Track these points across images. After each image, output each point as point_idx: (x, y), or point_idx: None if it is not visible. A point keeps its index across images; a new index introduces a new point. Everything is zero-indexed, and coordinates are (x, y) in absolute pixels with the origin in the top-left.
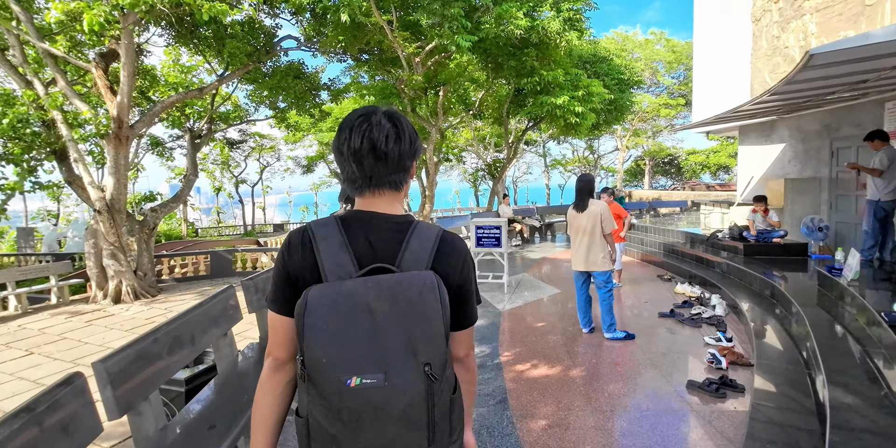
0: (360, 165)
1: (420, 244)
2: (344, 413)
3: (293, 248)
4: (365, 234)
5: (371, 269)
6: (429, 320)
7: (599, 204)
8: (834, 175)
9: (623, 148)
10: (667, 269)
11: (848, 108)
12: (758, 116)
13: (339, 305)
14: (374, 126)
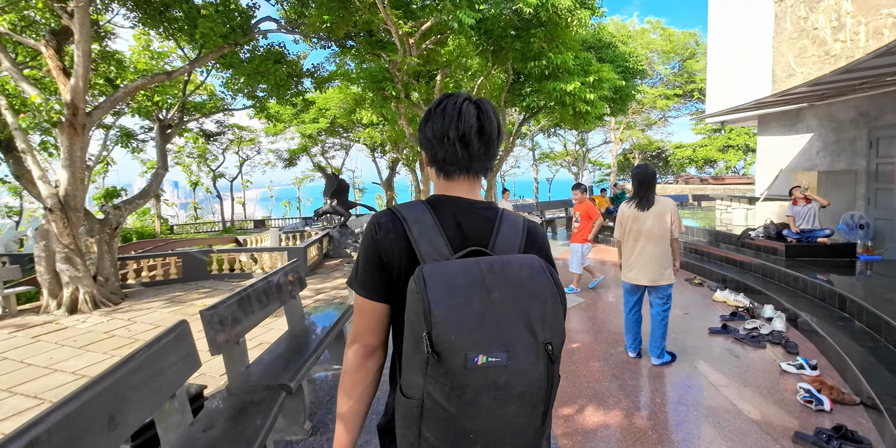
0: (466, 149)
1: (511, 229)
2: (468, 391)
3: (383, 230)
4: (455, 218)
5: (470, 252)
6: (545, 301)
7: (668, 201)
8: (873, 167)
9: (617, 141)
10: (692, 271)
11: (893, 95)
12: (786, 104)
13: (457, 283)
14: (483, 112)
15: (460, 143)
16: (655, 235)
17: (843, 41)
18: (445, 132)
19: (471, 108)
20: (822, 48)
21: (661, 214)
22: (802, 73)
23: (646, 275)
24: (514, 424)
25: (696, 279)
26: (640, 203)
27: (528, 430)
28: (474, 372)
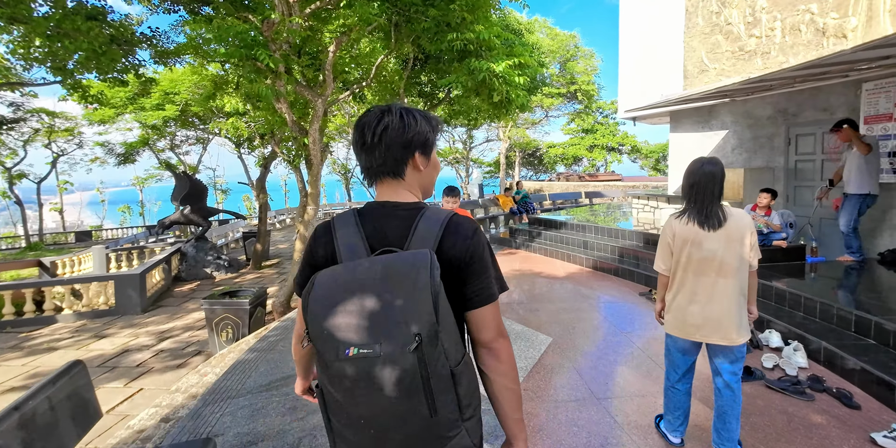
0: (362, 157)
1: (427, 227)
2: (345, 381)
3: (318, 238)
4: (377, 222)
5: (380, 252)
6: (418, 292)
7: (743, 215)
8: (791, 164)
9: (505, 138)
10: (637, 282)
11: (813, 91)
12: (703, 100)
13: (338, 282)
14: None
15: (358, 153)
16: (731, 268)
17: (759, 37)
18: (356, 144)
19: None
20: (735, 44)
21: (739, 236)
22: (715, 69)
23: (716, 328)
24: (396, 411)
25: (653, 293)
26: (702, 218)
27: (414, 418)
28: (348, 363)
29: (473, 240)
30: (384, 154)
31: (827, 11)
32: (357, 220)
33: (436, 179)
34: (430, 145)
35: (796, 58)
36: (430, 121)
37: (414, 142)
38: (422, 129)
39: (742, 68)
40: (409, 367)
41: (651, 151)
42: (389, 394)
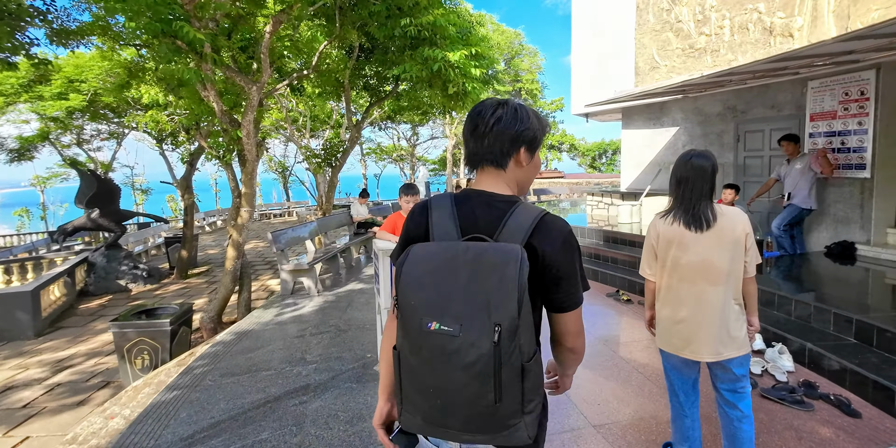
0: (468, 145)
1: (518, 222)
2: (423, 351)
3: (415, 214)
4: (471, 209)
5: (470, 237)
6: (505, 286)
7: (737, 213)
8: (741, 161)
9: (451, 135)
10: (603, 282)
11: (761, 89)
12: (654, 96)
13: (432, 259)
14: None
15: (466, 141)
16: (721, 274)
17: (708, 35)
18: (465, 129)
19: (476, 109)
20: (686, 41)
21: (731, 238)
22: (666, 65)
23: (706, 342)
24: (465, 391)
25: (622, 294)
26: (689, 218)
27: (481, 401)
28: (428, 335)
29: (564, 242)
30: (492, 143)
31: (774, 11)
32: (452, 204)
33: (533, 180)
34: (537, 144)
35: (745, 56)
36: (541, 121)
37: (522, 137)
38: (532, 125)
39: (692, 66)
40: (485, 354)
41: (588, 149)
42: (461, 374)
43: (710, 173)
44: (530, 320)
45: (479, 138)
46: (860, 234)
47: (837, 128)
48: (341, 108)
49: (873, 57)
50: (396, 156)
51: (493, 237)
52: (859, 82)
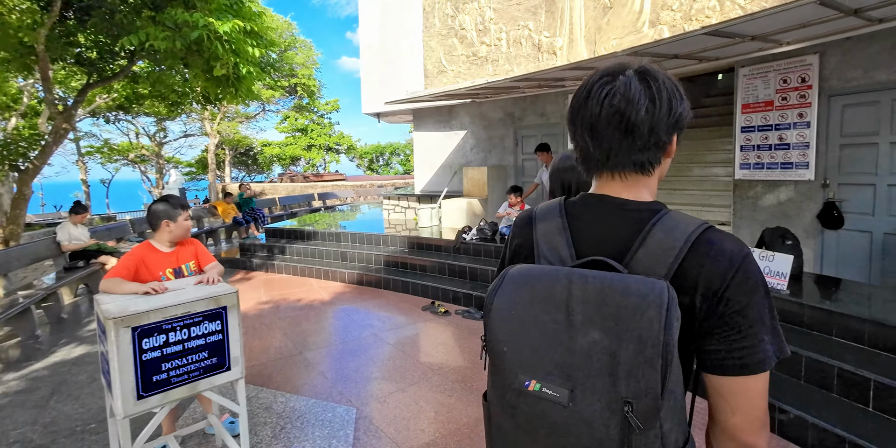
0: (596, 139)
1: (664, 239)
2: (518, 415)
3: (518, 226)
4: (591, 222)
5: (588, 261)
6: (642, 345)
7: None
8: (519, 163)
9: (213, 133)
10: (414, 294)
11: (533, 98)
12: (444, 99)
13: (535, 292)
14: (621, 91)
15: (588, 135)
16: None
17: (489, 45)
18: (574, 120)
19: (603, 87)
20: (470, 49)
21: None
22: (453, 71)
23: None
24: None
25: (438, 305)
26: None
27: None
28: (525, 396)
29: (740, 269)
30: (647, 139)
31: (541, 30)
32: (563, 214)
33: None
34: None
35: (519, 68)
36: (681, 89)
37: (681, 120)
38: (685, 101)
39: (476, 72)
40: (606, 441)
41: (365, 152)
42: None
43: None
44: (681, 392)
45: (626, 133)
46: None
47: None
48: (40, 88)
49: None
50: (136, 156)
51: (623, 261)
52: None
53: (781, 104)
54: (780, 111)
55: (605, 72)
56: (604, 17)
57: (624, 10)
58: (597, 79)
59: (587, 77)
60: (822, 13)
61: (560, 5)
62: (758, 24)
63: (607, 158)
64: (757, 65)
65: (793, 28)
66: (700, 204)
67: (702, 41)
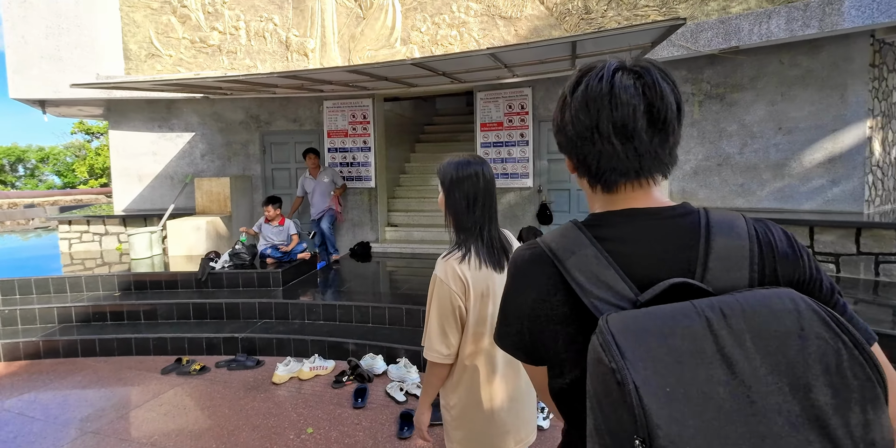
0: (629, 142)
1: (729, 242)
2: None
3: (525, 273)
4: (633, 242)
5: (666, 290)
6: (839, 374)
7: (512, 238)
8: (269, 173)
9: None
10: (139, 353)
11: (283, 101)
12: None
13: (675, 349)
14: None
15: (619, 137)
16: None
17: (223, 33)
18: (594, 124)
19: (627, 79)
20: (196, 33)
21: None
22: (172, 56)
23: (528, 421)
24: None
25: (190, 362)
26: (493, 253)
27: None
28: None
29: (800, 248)
30: (676, 137)
31: (289, 27)
32: (592, 240)
33: None
34: None
35: (264, 65)
36: None
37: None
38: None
39: (207, 63)
40: None
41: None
42: None
43: (495, 187)
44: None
45: (660, 131)
46: (371, 235)
47: (349, 145)
48: None
49: (370, 87)
50: None
51: (696, 275)
52: (362, 108)
53: (509, 125)
54: (507, 131)
55: (616, 65)
56: (357, 26)
57: (377, 24)
58: (612, 73)
59: (585, 71)
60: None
61: (310, 5)
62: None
63: (640, 164)
64: (490, 90)
65: (480, 69)
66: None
67: (448, 65)
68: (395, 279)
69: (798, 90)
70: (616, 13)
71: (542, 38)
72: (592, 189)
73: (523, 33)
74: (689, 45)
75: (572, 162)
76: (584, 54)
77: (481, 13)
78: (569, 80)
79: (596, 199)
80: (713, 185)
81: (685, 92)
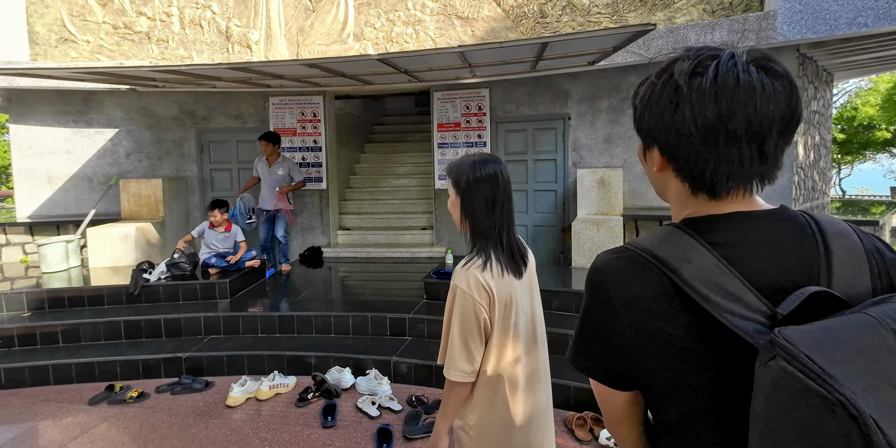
0: (756, 147)
1: (846, 245)
2: None
3: (626, 276)
4: (749, 248)
5: (807, 299)
6: None
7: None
8: (207, 174)
9: None
10: (61, 381)
11: (223, 96)
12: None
13: (883, 369)
14: (784, 80)
15: (750, 139)
16: (542, 332)
17: (152, 19)
18: (724, 123)
19: (760, 71)
20: (120, 18)
21: (534, 278)
22: (89, 42)
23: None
24: None
25: (124, 389)
26: (514, 258)
27: None
28: None
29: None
30: (791, 142)
31: (229, 16)
32: (707, 246)
33: None
34: None
35: (201, 56)
36: None
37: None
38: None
39: (133, 52)
40: None
41: None
42: None
43: (511, 188)
44: None
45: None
46: (322, 239)
47: (298, 144)
48: None
49: (324, 84)
50: None
51: (823, 283)
52: (312, 105)
53: (466, 126)
54: (465, 131)
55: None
56: (307, 18)
57: (328, 17)
58: (746, 63)
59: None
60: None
61: None
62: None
63: (762, 170)
64: (447, 91)
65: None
66: (400, 212)
67: (413, 62)
68: (355, 285)
69: None
70: (570, 19)
71: (512, 39)
72: (691, 194)
73: (480, 34)
74: (643, 52)
75: (667, 162)
76: (549, 56)
77: (438, 12)
78: (674, 67)
79: (688, 204)
80: None
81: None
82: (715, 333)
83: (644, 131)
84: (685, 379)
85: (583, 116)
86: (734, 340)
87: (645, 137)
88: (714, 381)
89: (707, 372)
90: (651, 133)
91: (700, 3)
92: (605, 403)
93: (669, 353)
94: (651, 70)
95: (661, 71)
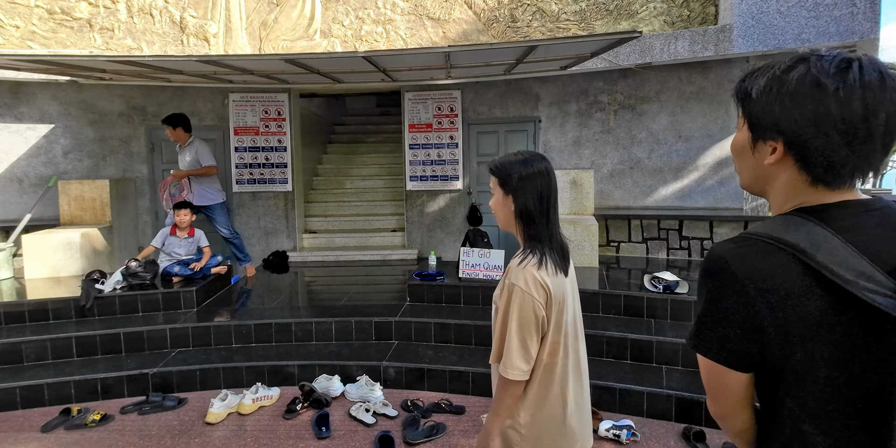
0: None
1: None
2: None
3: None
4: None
5: None
6: None
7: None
8: (158, 174)
9: None
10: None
11: (177, 91)
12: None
13: None
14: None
15: (882, 138)
16: (582, 328)
17: (94, 5)
18: (867, 120)
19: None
20: (57, 2)
21: (574, 276)
22: (19, 28)
23: (586, 432)
24: None
25: (83, 412)
26: (562, 255)
27: None
28: None
29: None
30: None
31: (184, 6)
32: (832, 231)
33: None
34: None
35: (152, 48)
36: None
37: None
38: None
39: (72, 40)
40: None
41: None
42: None
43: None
44: None
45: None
46: (287, 243)
47: (261, 143)
48: None
49: (291, 81)
50: None
51: None
52: (276, 103)
53: (438, 127)
54: (437, 133)
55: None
56: (270, 12)
57: (294, 12)
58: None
59: (846, 58)
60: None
61: None
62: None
63: (879, 165)
64: (419, 91)
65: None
66: (368, 214)
67: (393, 61)
68: (330, 290)
69: (693, 104)
70: (540, 24)
71: (500, 41)
72: (811, 184)
73: (452, 36)
74: (612, 59)
75: (791, 154)
76: (530, 60)
77: (409, 12)
78: (806, 65)
79: (800, 194)
80: (626, 186)
81: (602, 102)
82: (851, 309)
83: (766, 124)
84: (822, 352)
85: (553, 119)
86: (868, 314)
87: (766, 130)
88: (847, 351)
89: (841, 343)
90: (778, 126)
91: (661, 15)
92: (720, 388)
93: (807, 330)
94: (764, 67)
95: (788, 68)
